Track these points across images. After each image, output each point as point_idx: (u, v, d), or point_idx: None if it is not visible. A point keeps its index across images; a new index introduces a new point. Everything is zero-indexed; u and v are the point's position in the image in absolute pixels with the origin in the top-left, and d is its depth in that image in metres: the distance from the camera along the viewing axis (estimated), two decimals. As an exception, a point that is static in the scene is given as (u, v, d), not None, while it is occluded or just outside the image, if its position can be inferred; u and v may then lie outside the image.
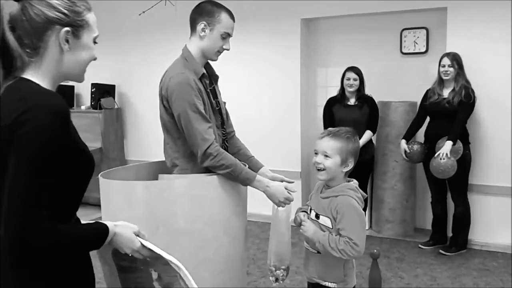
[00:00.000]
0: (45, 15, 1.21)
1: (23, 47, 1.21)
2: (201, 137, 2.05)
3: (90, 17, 1.29)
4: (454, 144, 3.79)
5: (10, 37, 1.18)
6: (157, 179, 2.25)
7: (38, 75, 1.23)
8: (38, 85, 1.21)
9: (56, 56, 1.24)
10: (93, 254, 1.37)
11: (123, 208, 2.04)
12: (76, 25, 1.25)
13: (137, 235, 1.36)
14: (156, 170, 2.37)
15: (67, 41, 1.24)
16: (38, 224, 1.10)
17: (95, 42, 1.32)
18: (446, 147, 3.76)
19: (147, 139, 5.61)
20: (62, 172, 1.17)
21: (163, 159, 2.27)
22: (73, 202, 1.28)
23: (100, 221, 1.32)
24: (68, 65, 1.27)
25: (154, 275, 1.42)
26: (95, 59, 1.33)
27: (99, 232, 1.27)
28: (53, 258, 1.20)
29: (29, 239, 1.10)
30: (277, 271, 2.21)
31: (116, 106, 5.75)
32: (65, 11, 1.23)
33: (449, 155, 3.75)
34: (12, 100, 1.16)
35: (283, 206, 2.17)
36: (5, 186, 1.11)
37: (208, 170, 2.11)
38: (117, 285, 1.52)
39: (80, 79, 1.33)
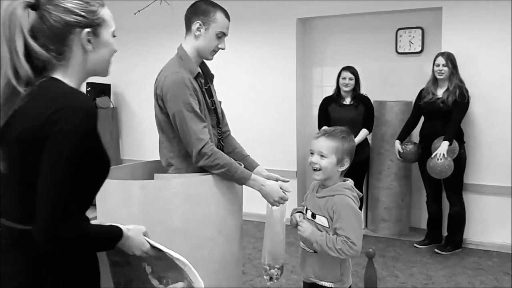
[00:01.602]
0: (64, 20, 1.22)
1: (49, 52, 1.23)
2: (196, 136, 2.04)
3: (105, 13, 1.31)
4: (450, 144, 3.80)
5: (34, 45, 1.20)
6: (152, 178, 2.24)
7: (67, 76, 1.26)
8: (67, 85, 1.24)
9: (81, 57, 1.27)
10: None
11: (119, 208, 2.03)
12: (95, 25, 1.27)
13: (144, 235, 1.41)
14: (152, 170, 2.36)
15: (89, 41, 1.27)
16: (70, 220, 1.15)
17: (113, 36, 1.34)
18: (442, 148, 3.76)
19: (143, 138, 5.60)
20: (87, 170, 1.20)
21: (159, 158, 2.27)
22: (88, 200, 1.31)
23: (115, 224, 1.35)
24: (93, 63, 1.30)
25: (148, 269, 1.46)
26: (115, 51, 1.36)
27: (114, 234, 1.32)
28: (62, 256, 1.23)
29: (61, 233, 1.14)
30: (271, 270, 2.21)
31: (111, 106, 5.73)
32: (82, 13, 1.25)
33: (446, 155, 3.75)
34: (44, 98, 1.18)
35: (278, 205, 2.17)
36: (38, 181, 1.14)
37: (203, 170, 2.11)
38: (108, 279, 1.54)
39: (106, 74, 1.38)
